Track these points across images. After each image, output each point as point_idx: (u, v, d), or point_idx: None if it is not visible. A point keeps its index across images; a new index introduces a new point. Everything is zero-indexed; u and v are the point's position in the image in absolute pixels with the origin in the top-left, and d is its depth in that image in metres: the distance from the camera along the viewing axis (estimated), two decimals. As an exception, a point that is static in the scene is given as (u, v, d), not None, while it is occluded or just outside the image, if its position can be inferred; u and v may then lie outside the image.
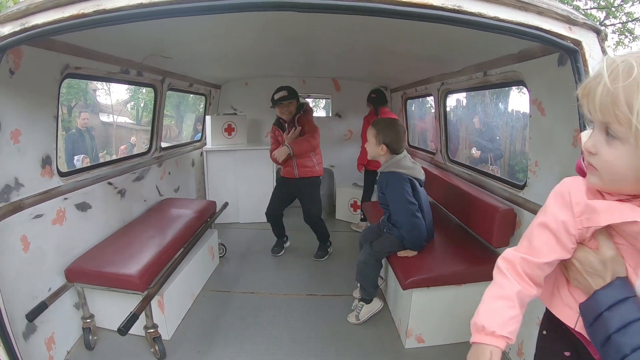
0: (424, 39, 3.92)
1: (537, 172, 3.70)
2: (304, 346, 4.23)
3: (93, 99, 21.23)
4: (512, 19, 2.28)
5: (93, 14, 2.29)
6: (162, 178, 6.48)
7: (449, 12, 2.23)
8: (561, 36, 2.35)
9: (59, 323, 3.85)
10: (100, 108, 22.10)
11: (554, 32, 2.34)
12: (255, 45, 4.76)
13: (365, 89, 8.14)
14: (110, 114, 23.07)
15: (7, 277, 2.99)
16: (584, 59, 2.36)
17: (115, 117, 23.17)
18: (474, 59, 4.51)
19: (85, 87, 19.86)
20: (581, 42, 2.37)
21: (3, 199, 3.19)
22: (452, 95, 6.45)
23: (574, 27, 2.36)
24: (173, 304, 4.42)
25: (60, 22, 2.37)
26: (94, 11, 2.28)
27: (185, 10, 2.27)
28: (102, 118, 21.68)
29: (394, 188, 4.26)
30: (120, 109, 24.17)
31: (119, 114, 23.86)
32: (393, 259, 4.44)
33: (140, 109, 26.54)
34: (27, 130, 3.42)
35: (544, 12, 2.30)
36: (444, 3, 2.20)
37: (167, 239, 4.59)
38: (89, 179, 4.40)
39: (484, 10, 2.24)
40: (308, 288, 5.46)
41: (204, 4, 2.19)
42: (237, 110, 8.80)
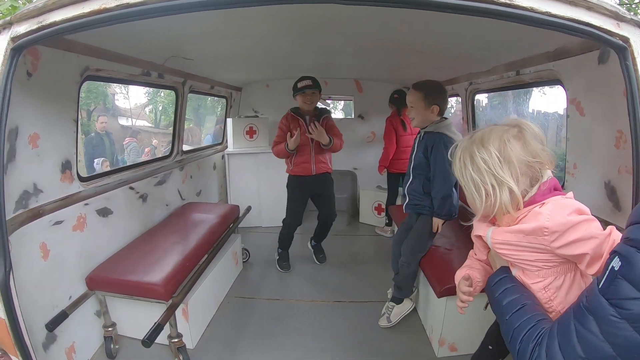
0: (452, 37, 3.80)
1: (575, 174, 3.55)
2: (334, 354, 4.14)
3: (112, 103, 21.35)
4: (562, 14, 2.19)
5: (115, 8, 2.20)
6: (184, 182, 6.44)
7: (500, 6, 2.14)
8: (610, 32, 2.26)
9: (79, 332, 3.79)
10: (119, 112, 22.22)
11: (603, 29, 2.25)
12: (276, 45, 4.69)
13: (388, 90, 8.05)
14: (129, 118, 23.20)
15: (27, 287, 2.94)
16: (632, 56, 2.26)
17: (134, 121, 23.28)
18: (506, 57, 4.40)
19: (104, 91, 19.96)
20: (629, 38, 2.27)
21: (21, 205, 3.11)
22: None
23: (622, 24, 2.27)
24: (197, 312, 4.33)
25: (80, 18, 2.28)
26: (116, 5, 2.19)
27: (211, 4, 2.20)
28: (120, 122, 21.79)
29: (444, 151, 3.52)
30: (138, 112, 24.30)
31: (138, 117, 23.99)
32: (427, 266, 4.34)
33: (159, 113, 26.67)
34: (46, 135, 3.35)
35: (593, 8, 2.22)
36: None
37: (191, 245, 4.52)
38: (110, 184, 4.34)
39: (536, 5, 2.16)
40: (335, 294, 5.35)
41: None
42: (259, 112, 8.76)
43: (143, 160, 10.15)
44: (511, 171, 1.95)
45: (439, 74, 6.40)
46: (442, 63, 5.51)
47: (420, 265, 4.47)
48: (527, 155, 1.97)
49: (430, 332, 4.37)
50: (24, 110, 3.00)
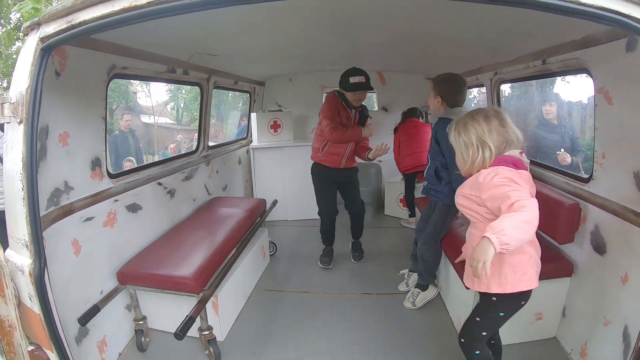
0: (478, 26, 3.80)
1: (604, 164, 3.52)
2: (362, 346, 4.16)
3: (134, 101, 21.54)
4: (591, 3, 2.16)
5: (146, 5, 2.21)
6: (210, 177, 6.50)
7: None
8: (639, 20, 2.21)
9: (110, 326, 3.86)
10: (141, 110, 22.42)
11: (632, 16, 2.20)
12: (298, 38, 4.71)
13: (412, 81, 8.13)
14: (151, 115, 23.40)
15: (59, 282, 2.99)
16: None
17: (156, 118, 23.48)
18: (532, 46, 4.35)
19: (126, 90, 20.14)
20: None
21: (53, 202, 3.17)
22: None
23: None
24: (227, 305, 4.39)
25: (110, 16, 2.30)
26: (147, 2, 2.20)
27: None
28: (143, 119, 21.98)
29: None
30: (160, 109, 24.51)
31: (160, 114, 24.18)
32: (453, 257, 4.27)
33: (181, 109, 26.86)
34: (75, 133, 3.41)
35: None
36: None
37: (220, 239, 4.57)
38: (138, 180, 4.41)
39: None
40: (362, 286, 5.37)
41: None
42: (282, 106, 8.79)
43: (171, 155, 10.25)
44: (491, 138, 2.77)
45: (462, 65, 6.38)
46: (467, 53, 5.48)
47: (446, 256, 4.54)
48: (501, 130, 2.79)
49: (457, 323, 4.37)
50: (53, 109, 3.05)
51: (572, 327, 3.92)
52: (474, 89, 7.47)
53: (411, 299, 4.78)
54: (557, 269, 3.92)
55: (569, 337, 3.94)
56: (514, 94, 10.94)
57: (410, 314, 4.70)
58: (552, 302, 4.03)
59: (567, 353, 3.88)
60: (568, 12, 2.18)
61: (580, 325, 3.78)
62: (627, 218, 3.13)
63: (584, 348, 3.64)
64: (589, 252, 3.69)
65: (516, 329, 3.96)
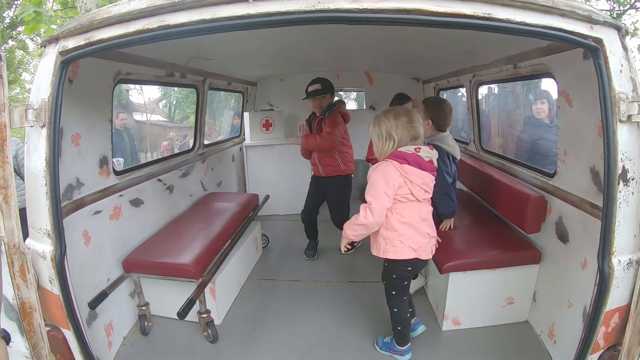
0: (457, 33, 4.00)
1: (566, 160, 3.84)
2: (348, 329, 4.44)
3: (126, 99, 21.43)
4: (537, 23, 2.42)
5: (157, 29, 2.49)
6: (205, 173, 6.78)
7: (480, 20, 2.38)
8: (583, 35, 2.48)
9: (116, 311, 4.13)
10: (134, 107, 22.31)
11: (577, 32, 2.47)
12: (290, 41, 4.89)
13: (399, 81, 8.34)
14: (144, 113, 23.29)
15: (72, 269, 3.18)
16: (604, 56, 2.49)
17: (148, 116, 23.39)
18: (505, 51, 4.64)
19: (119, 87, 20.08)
20: (602, 39, 2.49)
21: (67, 197, 3.45)
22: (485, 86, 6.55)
23: (595, 26, 2.48)
24: (223, 291, 4.69)
25: (125, 37, 2.57)
26: (158, 26, 2.48)
27: (244, 25, 2.45)
28: (135, 117, 21.88)
29: (444, 164, 4.50)
30: (153, 107, 24.40)
31: (152, 112, 24.10)
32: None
33: (173, 107, 26.79)
34: (85, 134, 3.70)
35: (566, 14, 2.43)
36: (475, 12, 2.36)
37: (216, 231, 4.85)
38: (141, 177, 4.70)
39: (512, 16, 2.38)
40: (350, 275, 5.66)
41: (261, 19, 2.37)
42: (274, 106, 9.02)
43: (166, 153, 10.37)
44: (397, 132, 3.52)
45: (444, 66, 6.68)
46: (446, 56, 5.75)
47: None
48: (408, 126, 3.53)
49: (435, 308, 4.68)
50: (67, 113, 3.28)
51: (542, 311, 4.20)
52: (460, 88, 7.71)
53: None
54: (526, 256, 4.24)
55: (539, 320, 4.22)
56: (504, 92, 11.11)
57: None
58: (522, 288, 4.33)
59: (537, 335, 4.17)
60: (517, 33, 2.49)
61: (548, 308, 4.07)
62: (585, 209, 3.44)
63: (551, 329, 3.93)
64: (554, 241, 3.99)
65: (489, 312, 4.32)
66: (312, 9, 2.29)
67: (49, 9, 9.95)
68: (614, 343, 2.76)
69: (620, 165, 2.50)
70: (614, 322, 2.70)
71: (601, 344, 2.75)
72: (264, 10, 2.34)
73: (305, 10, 2.30)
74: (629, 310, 2.64)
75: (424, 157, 3.50)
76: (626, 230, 2.59)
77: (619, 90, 2.46)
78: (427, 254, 3.71)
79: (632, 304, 2.62)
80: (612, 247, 2.58)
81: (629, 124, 2.48)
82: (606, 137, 2.52)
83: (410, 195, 3.49)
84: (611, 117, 2.48)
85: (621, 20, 18.76)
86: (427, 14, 2.33)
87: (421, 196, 3.54)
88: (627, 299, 2.65)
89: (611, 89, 2.47)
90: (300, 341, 4.28)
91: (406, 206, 3.53)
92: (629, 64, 2.53)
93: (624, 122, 2.47)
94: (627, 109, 2.45)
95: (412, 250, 3.59)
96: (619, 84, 2.48)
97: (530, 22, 2.42)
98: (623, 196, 2.54)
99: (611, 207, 2.56)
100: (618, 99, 2.45)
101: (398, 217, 3.53)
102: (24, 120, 2.77)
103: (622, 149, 2.49)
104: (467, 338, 4.27)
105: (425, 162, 3.51)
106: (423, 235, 3.63)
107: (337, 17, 2.35)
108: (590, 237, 3.25)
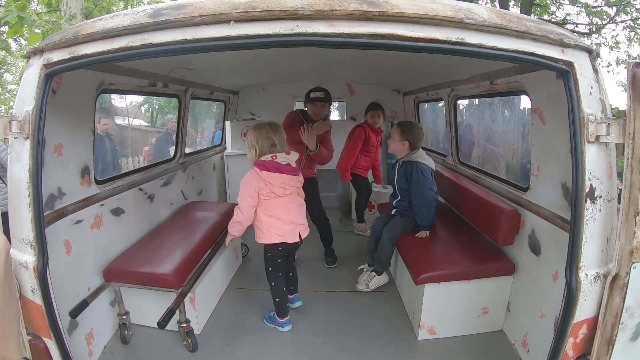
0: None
1: (538, 175, 3.96)
2: (325, 338, 4.51)
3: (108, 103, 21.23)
4: (509, 47, 2.50)
5: (140, 47, 2.53)
6: (186, 182, 6.80)
7: (452, 45, 2.45)
8: (554, 59, 2.55)
9: (96, 320, 4.15)
10: (116, 111, 22.10)
11: (548, 56, 2.55)
12: (272, 52, 4.93)
13: (379, 92, 8.45)
14: (126, 117, 23.10)
15: (54, 279, 3.17)
16: (575, 79, 2.57)
17: (130, 120, 23.19)
18: (481, 68, 4.76)
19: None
20: (573, 62, 2.57)
21: (49, 207, 3.47)
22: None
23: (567, 50, 2.56)
24: (203, 300, 4.72)
25: (108, 53, 2.61)
26: (141, 44, 2.52)
27: (225, 46, 2.51)
28: (117, 121, 21.68)
29: (423, 176, 5.10)
30: (135, 111, 24.20)
31: (134, 116, 23.91)
32: (406, 256, 4.79)
33: (155, 111, 26.60)
34: (68, 144, 3.74)
35: (538, 39, 2.51)
36: (448, 37, 2.43)
37: (196, 241, 4.89)
38: (122, 186, 4.72)
39: (484, 41, 2.46)
40: (327, 285, 5.72)
41: (241, 42, 2.43)
42: (256, 115, 9.05)
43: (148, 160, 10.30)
44: (259, 142, 4.36)
45: (423, 80, 6.81)
46: (427, 71, 5.90)
47: (401, 255, 5.01)
48: (267, 137, 4.35)
49: (411, 317, 4.76)
50: (50, 123, 3.28)
51: (516, 321, 4.31)
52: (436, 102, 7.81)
53: (365, 282, 5.41)
54: (500, 268, 4.37)
55: (513, 329, 4.33)
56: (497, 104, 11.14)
57: (369, 308, 5.05)
58: (497, 298, 4.45)
59: (512, 344, 4.28)
60: (489, 57, 2.57)
61: (521, 318, 4.18)
62: (556, 223, 3.56)
63: (525, 339, 4.04)
64: (527, 253, 4.11)
65: (464, 322, 4.43)
66: (290, 32, 2.36)
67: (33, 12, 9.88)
68: (583, 353, 2.82)
69: (587, 183, 2.57)
70: (583, 332, 2.77)
71: (570, 354, 2.81)
72: (245, 32, 2.39)
73: (283, 34, 2.37)
74: (597, 322, 2.72)
75: (281, 162, 4.37)
76: (593, 246, 2.66)
77: (588, 112, 2.53)
78: (294, 238, 4.51)
79: (599, 316, 2.69)
80: (579, 262, 2.65)
81: (597, 144, 2.55)
82: (574, 156, 2.59)
83: (272, 193, 4.34)
84: (579, 138, 2.54)
85: (601, 34, 19.05)
86: (402, 39, 2.40)
87: (282, 193, 4.39)
88: (594, 311, 2.72)
89: (580, 111, 2.53)
90: (277, 350, 4.34)
91: (270, 202, 4.39)
92: (599, 86, 2.61)
93: (592, 142, 2.54)
94: (596, 130, 2.52)
95: (279, 236, 4.42)
96: (588, 105, 2.54)
97: (502, 47, 2.49)
98: (590, 213, 2.61)
99: (578, 224, 2.63)
100: (587, 120, 2.51)
101: (264, 211, 4.41)
102: (8, 132, 2.81)
103: (590, 168, 2.56)
104: (443, 347, 4.35)
105: (283, 165, 4.36)
106: (287, 223, 4.46)
107: (315, 41, 2.41)
108: (561, 250, 3.31)
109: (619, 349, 2.72)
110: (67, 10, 11.87)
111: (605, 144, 2.59)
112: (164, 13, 2.47)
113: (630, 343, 2.75)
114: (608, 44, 19.49)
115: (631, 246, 2.55)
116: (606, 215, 2.66)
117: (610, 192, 2.65)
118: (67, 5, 12.02)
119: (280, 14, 2.34)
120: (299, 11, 2.32)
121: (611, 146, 2.63)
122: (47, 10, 14.95)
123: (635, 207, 2.51)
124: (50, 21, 14.02)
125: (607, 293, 2.66)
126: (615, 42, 19.36)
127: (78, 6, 12.14)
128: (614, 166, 2.69)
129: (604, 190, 2.62)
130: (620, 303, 2.63)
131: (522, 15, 2.60)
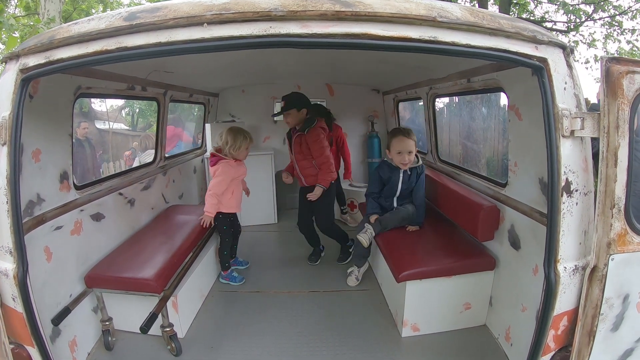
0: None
1: (516, 171, 4.01)
2: (309, 338, 4.51)
3: (88, 107, 21.04)
4: (482, 45, 2.53)
5: (115, 50, 2.52)
6: (167, 186, 6.78)
7: (425, 43, 2.47)
8: (528, 56, 2.59)
9: (79, 326, 4.11)
10: (96, 115, 21.91)
11: (521, 53, 2.59)
12: (250, 53, 4.89)
13: (359, 92, 8.52)
14: (106, 121, 22.92)
15: (35, 286, 3.15)
16: (549, 74, 2.61)
17: (111, 124, 23.02)
18: (458, 66, 4.78)
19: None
20: (547, 59, 2.61)
21: (28, 214, 3.42)
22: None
23: (540, 46, 2.61)
24: (186, 304, 4.70)
25: (84, 57, 2.59)
26: (116, 48, 2.52)
27: (199, 49, 2.51)
28: (97, 125, 21.50)
29: (424, 177, 5.49)
30: (115, 115, 24.03)
31: (115, 120, 23.74)
32: (387, 254, 4.82)
33: (136, 115, 26.45)
34: (46, 149, 3.69)
35: (512, 36, 2.55)
36: (421, 35, 2.45)
37: (177, 244, 4.88)
38: (102, 191, 4.68)
39: (457, 39, 2.49)
40: (310, 285, 5.72)
41: (215, 43, 2.44)
42: (235, 117, 8.94)
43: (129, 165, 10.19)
44: (233, 141, 5.50)
45: (403, 79, 6.84)
46: (404, 71, 5.94)
47: (382, 253, 5.04)
48: (235, 138, 5.52)
49: (395, 315, 4.79)
50: (27, 128, 3.24)
51: (498, 315, 4.35)
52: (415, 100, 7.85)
53: (355, 276, 5.66)
54: (481, 263, 4.41)
55: (496, 323, 4.37)
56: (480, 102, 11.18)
57: (352, 307, 5.08)
58: (479, 293, 4.49)
59: (495, 338, 4.32)
60: (462, 55, 2.60)
61: (504, 312, 4.22)
62: (534, 217, 3.60)
63: (507, 332, 4.08)
64: (507, 248, 4.16)
65: (447, 317, 4.47)
66: (264, 33, 2.37)
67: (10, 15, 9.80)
68: (565, 344, 2.85)
69: (563, 177, 2.61)
70: (564, 325, 2.80)
71: (552, 346, 2.84)
72: (218, 34, 2.40)
73: (257, 35, 2.38)
74: (577, 314, 2.75)
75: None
76: (571, 239, 2.70)
77: (562, 107, 2.57)
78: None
79: (579, 308, 2.73)
80: (557, 255, 2.69)
81: (572, 139, 2.60)
82: (549, 151, 2.62)
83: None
84: (554, 133, 2.57)
85: (579, 31, 19.23)
86: (375, 38, 2.42)
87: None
88: (575, 303, 2.76)
89: (555, 106, 2.58)
90: (261, 351, 4.33)
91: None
92: (573, 81, 2.65)
93: (567, 137, 2.58)
94: (570, 125, 2.56)
95: (228, 208, 5.75)
96: (562, 100, 2.59)
97: (475, 45, 2.52)
98: (567, 207, 2.64)
99: (555, 217, 2.66)
100: (561, 115, 2.55)
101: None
102: (-16, 138, 2.76)
103: (565, 162, 2.60)
104: (427, 344, 4.37)
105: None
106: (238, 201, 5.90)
107: (288, 42, 2.42)
108: (539, 244, 3.32)
109: (600, 340, 2.76)
110: (45, 14, 11.78)
111: (581, 138, 2.63)
112: (138, 16, 2.48)
113: (610, 333, 2.80)
114: (585, 42, 19.71)
115: (608, 238, 2.60)
116: (583, 209, 2.69)
117: (587, 185, 2.68)
118: (45, 9, 11.93)
119: (254, 16, 2.35)
120: (272, 12, 2.33)
121: (586, 140, 2.67)
122: (25, 13, 14.82)
123: (611, 199, 2.55)
124: (28, 25, 13.88)
125: (586, 285, 2.70)
126: (592, 40, 19.55)
127: (56, 9, 12.05)
128: (590, 160, 2.72)
129: (580, 184, 2.65)
130: (600, 294, 2.67)
131: (496, 13, 2.64)
